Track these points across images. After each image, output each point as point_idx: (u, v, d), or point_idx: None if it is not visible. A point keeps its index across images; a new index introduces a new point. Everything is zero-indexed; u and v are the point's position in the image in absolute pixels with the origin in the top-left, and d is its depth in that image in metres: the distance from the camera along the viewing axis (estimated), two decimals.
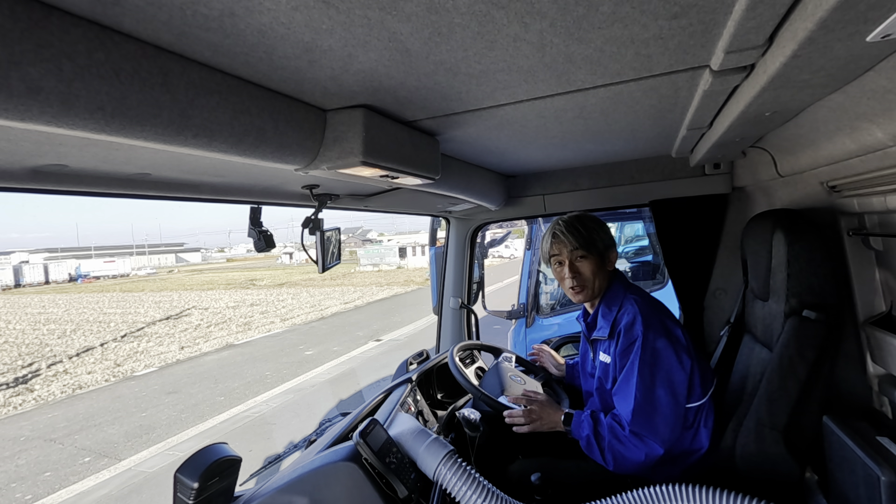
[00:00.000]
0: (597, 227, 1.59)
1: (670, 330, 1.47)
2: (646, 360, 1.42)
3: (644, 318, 1.46)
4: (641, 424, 1.38)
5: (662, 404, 1.39)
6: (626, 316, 1.50)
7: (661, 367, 1.41)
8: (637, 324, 1.46)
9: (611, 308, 1.58)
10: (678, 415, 1.40)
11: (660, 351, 1.42)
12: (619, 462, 1.40)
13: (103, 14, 0.55)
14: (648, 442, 1.37)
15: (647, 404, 1.39)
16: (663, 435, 1.37)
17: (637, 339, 1.45)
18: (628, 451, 1.39)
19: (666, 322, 1.48)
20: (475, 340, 2.41)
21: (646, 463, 1.38)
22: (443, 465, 1.24)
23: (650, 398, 1.39)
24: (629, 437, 1.39)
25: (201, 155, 0.81)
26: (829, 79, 0.80)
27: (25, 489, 5.15)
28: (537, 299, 4.39)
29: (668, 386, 1.40)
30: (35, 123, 0.56)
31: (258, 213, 1.56)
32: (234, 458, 1.24)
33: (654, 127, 1.42)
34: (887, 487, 1.04)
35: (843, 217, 1.41)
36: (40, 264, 50.45)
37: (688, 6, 0.64)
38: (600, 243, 1.58)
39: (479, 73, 0.85)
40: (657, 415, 1.39)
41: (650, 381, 1.41)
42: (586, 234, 1.56)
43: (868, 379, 1.39)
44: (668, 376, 1.41)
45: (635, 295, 1.56)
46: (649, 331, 1.44)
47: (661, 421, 1.38)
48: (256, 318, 15.84)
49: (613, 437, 1.41)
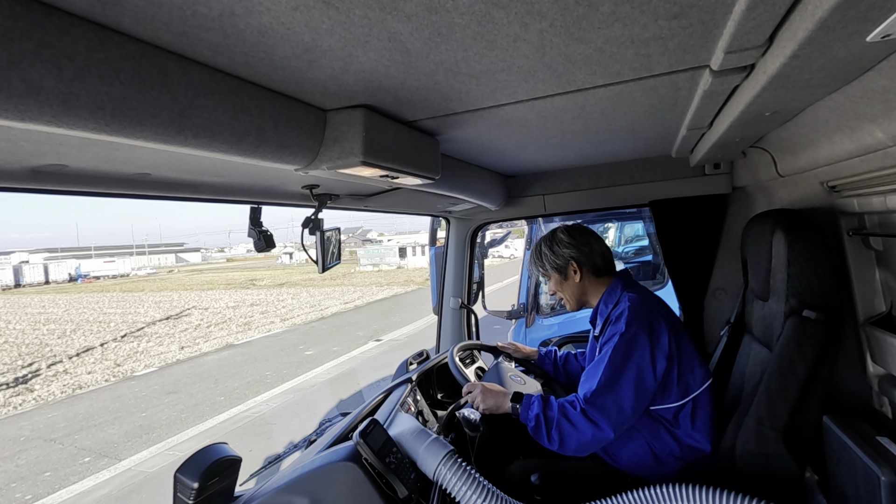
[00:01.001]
0: (546, 250, 1.73)
1: (654, 328, 1.48)
2: (619, 350, 1.44)
3: (631, 313, 1.49)
4: (596, 404, 1.39)
5: (623, 393, 1.41)
6: (615, 311, 1.56)
7: (633, 360, 1.43)
8: (623, 318, 1.49)
9: (607, 306, 1.64)
10: (635, 409, 1.42)
11: (636, 345, 1.45)
12: (565, 441, 1.40)
13: (103, 14, 0.55)
14: (599, 423, 1.38)
15: (608, 389, 1.41)
16: (615, 420, 1.38)
17: (619, 331, 1.47)
18: (575, 431, 1.39)
19: (653, 321, 1.49)
20: (475, 340, 2.41)
21: (591, 444, 1.39)
22: (443, 465, 1.24)
23: (613, 385, 1.41)
24: (579, 416, 1.40)
25: (201, 155, 0.81)
26: (829, 79, 0.80)
27: (25, 489, 5.15)
28: (537, 299, 4.39)
29: (636, 380, 1.42)
30: (35, 123, 0.56)
31: (258, 213, 1.56)
32: (234, 458, 1.24)
33: (654, 127, 1.42)
34: (887, 487, 1.04)
35: (843, 217, 1.41)
36: (40, 264, 50.42)
37: (688, 6, 0.64)
38: (549, 265, 1.72)
39: (479, 73, 0.85)
40: (614, 401, 1.40)
41: (620, 368, 1.43)
42: (540, 260, 1.75)
43: (868, 379, 1.39)
44: (637, 371, 1.43)
45: (633, 293, 1.58)
46: (632, 324, 1.47)
47: (616, 408, 1.39)
48: (256, 318, 15.84)
49: (563, 417, 1.41)
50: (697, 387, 1.52)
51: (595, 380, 1.43)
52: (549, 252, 1.72)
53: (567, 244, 1.70)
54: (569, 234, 1.71)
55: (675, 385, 1.49)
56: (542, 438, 1.43)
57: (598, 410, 1.39)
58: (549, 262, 1.72)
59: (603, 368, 1.44)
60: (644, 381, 1.43)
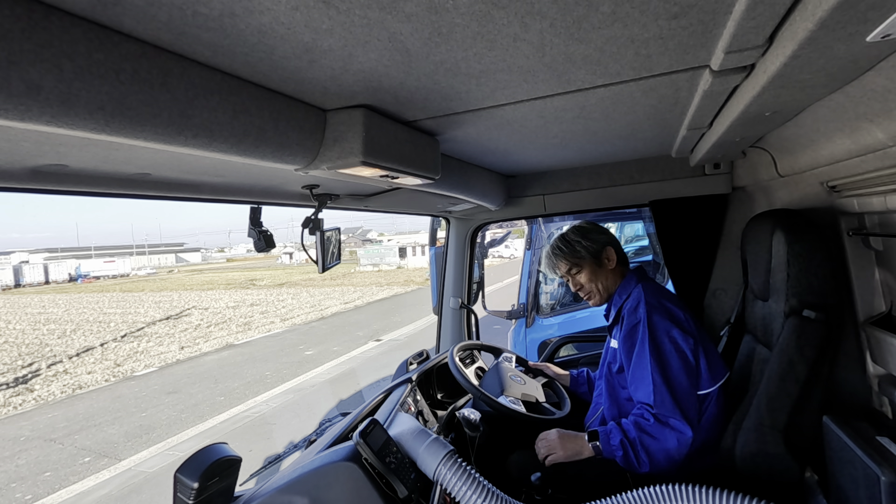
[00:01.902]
0: (580, 237, 1.68)
1: (673, 313, 1.47)
2: (655, 342, 1.42)
3: (647, 302, 1.48)
4: (665, 405, 1.36)
5: (680, 382, 1.38)
6: (630, 301, 1.56)
7: (672, 348, 1.42)
8: (640, 307, 1.48)
9: (621, 297, 1.63)
10: (694, 394, 1.39)
11: (667, 332, 1.44)
12: (654, 457, 1.36)
13: (103, 14, 0.55)
14: (676, 425, 1.35)
15: (665, 384, 1.38)
16: (688, 413, 1.35)
17: (641, 320, 1.46)
18: (659, 442, 1.36)
19: (667, 305, 1.49)
20: (475, 340, 2.41)
21: (680, 449, 1.35)
22: (443, 465, 1.24)
23: (667, 378, 1.38)
24: (656, 427, 1.36)
25: (201, 155, 0.81)
26: (829, 79, 0.80)
27: (25, 489, 5.15)
28: (537, 299, 4.39)
29: (682, 364, 1.40)
30: (35, 123, 0.56)
31: (258, 213, 1.56)
32: (234, 458, 1.24)
33: (654, 127, 1.42)
34: (887, 487, 1.04)
35: (843, 217, 1.41)
36: (40, 264, 50.42)
37: (688, 6, 0.64)
38: (585, 252, 1.66)
39: (479, 73, 0.85)
40: (677, 393, 1.37)
41: (665, 360, 1.40)
42: (569, 249, 1.68)
43: (868, 379, 1.39)
44: (678, 355, 1.41)
45: (645, 283, 1.59)
46: (653, 312, 1.45)
47: (683, 399, 1.37)
48: (256, 318, 15.83)
49: (641, 433, 1.38)
50: (721, 376, 1.52)
51: (648, 381, 1.40)
52: (583, 240, 1.68)
53: (601, 231, 1.70)
54: (596, 225, 1.72)
55: (706, 370, 1.48)
56: (633, 464, 1.39)
57: (669, 411, 1.35)
58: (584, 250, 1.68)
59: (649, 366, 1.40)
60: (687, 358, 1.42)
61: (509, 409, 1.70)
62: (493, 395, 1.74)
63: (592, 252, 1.66)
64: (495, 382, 1.84)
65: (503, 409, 1.69)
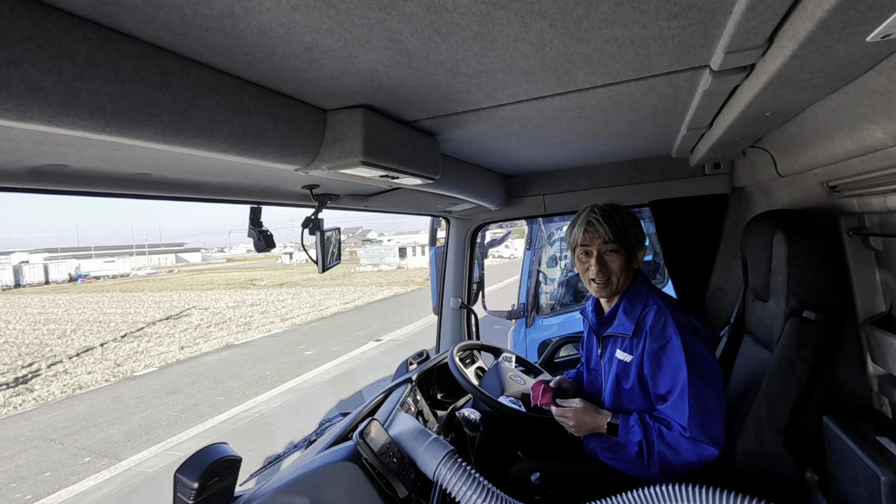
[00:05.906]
0: (632, 222, 1.53)
1: (697, 328, 1.43)
2: (691, 364, 1.37)
3: (674, 319, 1.41)
4: (697, 429, 1.33)
5: (712, 406, 1.35)
6: (651, 315, 1.46)
7: (704, 369, 1.37)
8: (669, 326, 1.41)
9: (634, 305, 1.52)
10: (723, 413, 1.37)
11: (699, 353, 1.38)
12: (669, 469, 1.35)
13: (103, 14, 0.55)
14: (703, 446, 1.32)
15: (700, 410, 1.34)
16: (717, 437, 1.33)
17: (670, 340, 1.40)
18: (681, 458, 1.34)
19: (693, 323, 1.45)
20: (475, 340, 2.41)
21: (700, 464, 1.33)
22: (443, 465, 1.24)
23: (702, 403, 1.35)
24: (683, 442, 1.33)
25: (201, 155, 0.81)
26: (829, 79, 0.80)
27: (25, 489, 5.15)
28: (537, 299, 4.40)
29: (713, 386, 1.37)
30: (35, 123, 0.56)
31: (258, 213, 1.56)
32: (234, 458, 1.24)
33: (654, 127, 1.42)
34: (887, 487, 1.04)
35: (843, 217, 1.41)
36: (40, 264, 50.40)
37: (688, 6, 0.64)
38: (633, 239, 1.52)
39: (479, 73, 0.85)
40: (710, 418, 1.34)
41: (699, 384, 1.36)
42: (622, 226, 1.50)
43: (868, 379, 1.39)
44: (711, 377, 1.37)
45: (657, 295, 1.52)
46: (683, 332, 1.39)
47: (715, 423, 1.34)
48: (256, 318, 15.83)
49: (664, 445, 1.36)
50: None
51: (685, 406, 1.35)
52: (634, 227, 1.54)
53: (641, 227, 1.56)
54: None
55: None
56: (642, 466, 1.38)
57: (701, 436, 1.32)
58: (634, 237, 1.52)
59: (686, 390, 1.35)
60: (718, 379, 1.38)
61: (509, 409, 1.70)
62: (493, 395, 1.74)
63: (636, 243, 1.53)
64: (495, 382, 1.84)
65: (503, 409, 1.69)
